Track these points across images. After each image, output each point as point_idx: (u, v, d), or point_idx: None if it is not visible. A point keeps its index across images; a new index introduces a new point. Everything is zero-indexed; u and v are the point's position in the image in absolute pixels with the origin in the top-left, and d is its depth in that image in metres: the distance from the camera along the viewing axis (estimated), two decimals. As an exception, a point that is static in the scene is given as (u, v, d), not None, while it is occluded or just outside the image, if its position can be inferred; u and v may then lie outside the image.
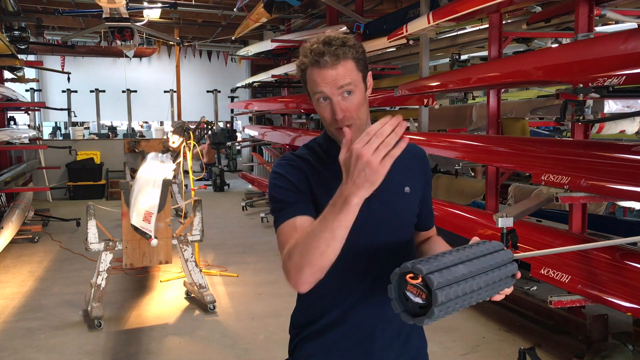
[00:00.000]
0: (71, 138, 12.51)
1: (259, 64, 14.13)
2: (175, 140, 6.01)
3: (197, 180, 7.33)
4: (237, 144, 13.93)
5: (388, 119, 1.09)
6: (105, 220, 4.86)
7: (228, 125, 16.91)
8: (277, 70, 9.80)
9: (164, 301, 4.88)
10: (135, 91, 14.82)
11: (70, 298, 4.90)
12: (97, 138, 13.47)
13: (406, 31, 5.06)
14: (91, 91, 14.64)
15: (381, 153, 1.07)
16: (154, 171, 4.88)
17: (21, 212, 7.01)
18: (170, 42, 13.46)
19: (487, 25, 5.04)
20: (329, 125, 1.41)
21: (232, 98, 14.87)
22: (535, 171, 3.41)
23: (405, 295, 1.15)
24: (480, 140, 4.53)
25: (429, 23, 4.57)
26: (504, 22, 4.82)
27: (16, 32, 7.95)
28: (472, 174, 7.18)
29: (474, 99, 6.92)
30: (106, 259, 4.34)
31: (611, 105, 4.20)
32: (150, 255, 4.57)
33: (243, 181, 12.03)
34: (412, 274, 1.12)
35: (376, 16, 8.07)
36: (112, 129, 16.35)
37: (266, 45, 9.76)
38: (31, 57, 10.78)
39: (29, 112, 12.44)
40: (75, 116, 14.33)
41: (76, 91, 14.19)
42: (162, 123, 16.92)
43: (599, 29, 5.33)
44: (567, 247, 3.32)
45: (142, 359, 3.76)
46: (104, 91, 14.69)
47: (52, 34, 13.74)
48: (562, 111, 3.36)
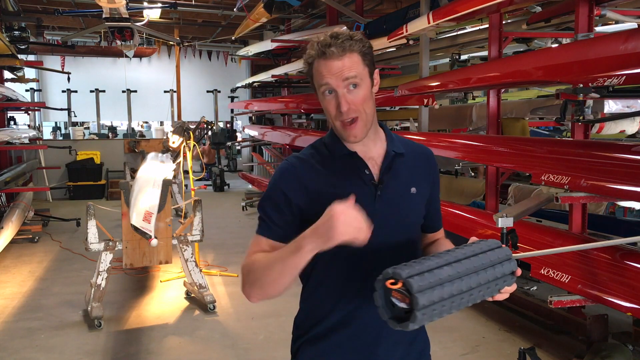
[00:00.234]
0: (71, 138, 12.52)
1: (259, 64, 14.14)
2: (175, 140, 6.01)
3: (197, 180, 7.33)
4: (237, 144, 13.94)
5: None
6: (105, 220, 4.86)
7: (228, 125, 16.91)
8: (277, 70, 9.80)
9: (164, 301, 4.88)
10: (135, 91, 14.82)
11: (70, 298, 4.90)
12: (97, 138, 13.48)
13: (406, 31, 5.06)
14: (91, 91, 14.64)
15: (350, 227, 1.17)
16: (154, 171, 4.88)
17: (21, 212, 7.02)
18: (170, 42, 13.46)
19: (487, 25, 5.04)
20: (334, 119, 1.39)
21: (232, 98, 14.87)
22: (535, 171, 3.41)
23: (391, 302, 1.14)
24: (480, 140, 4.53)
25: (429, 23, 4.57)
26: (504, 22, 4.82)
27: (16, 32, 7.95)
28: (473, 174, 7.18)
29: (474, 99, 6.92)
30: (106, 259, 4.34)
31: (611, 105, 4.20)
32: (150, 255, 4.57)
33: (243, 181, 12.03)
34: (393, 280, 1.13)
35: (376, 16, 8.07)
36: (112, 129, 16.35)
37: (266, 45, 9.76)
38: (31, 57, 10.78)
39: (29, 112, 12.44)
40: (75, 116, 14.34)
41: (76, 91, 14.19)
42: (162, 123, 16.93)
43: (599, 29, 5.33)
44: (567, 247, 3.32)
45: (142, 359, 3.76)
46: (104, 91, 14.69)
47: (52, 34, 13.74)
48: (562, 111, 3.36)
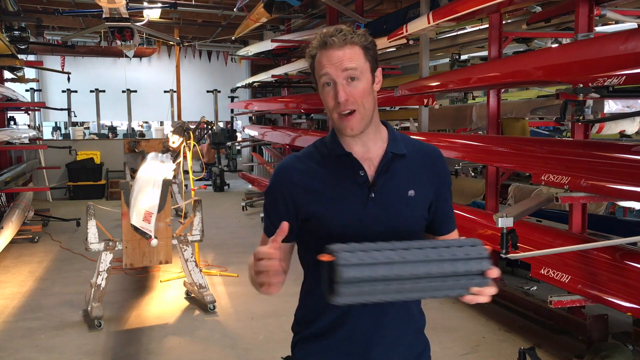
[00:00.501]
0: (71, 138, 12.52)
1: (259, 64, 14.14)
2: (175, 140, 6.01)
3: (197, 180, 7.33)
4: (237, 144, 13.93)
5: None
6: (105, 220, 4.86)
7: (228, 125, 16.91)
8: (277, 70, 9.80)
9: (164, 301, 4.88)
10: (135, 91, 14.81)
11: (70, 298, 4.90)
12: (97, 138, 13.47)
13: (406, 31, 5.06)
14: (91, 91, 14.62)
15: (260, 277, 1.23)
16: (154, 171, 4.88)
17: (21, 212, 7.02)
18: (170, 42, 13.45)
19: (487, 25, 5.04)
20: (332, 111, 1.38)
21: (232, 98, 14.87)
22: (535, 171, 3.41)
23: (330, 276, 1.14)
24: (480, 140, 4.53)
25: (429, 23, 4.57)
26: (504, 22, 4.82)
27: (16, 32, 7.94)
28: (473, 174, 7.18)
29: (474, 99, 6.92)
30: (106, 259, 4.34)
31: (611, 105, 4.20)
32: (150, 255, 4.57)
33: (243, 181, 12.03)
34: (329, 254, 1.13)
35: (376, 16, 8.07)
36: (112, 129, 16.34)
37: (266, 45, 9.76)
38: (31, 57, 10.78)
39: (29, 112, 12.44)
40: (75, 116, 14.32)
41: (76, 91, 14.18)
42: (162, 123, 16.91)
43: (599, 29, 5.33)
44: (567, 247, 3.33)
45: (142, 359, 3.76)
46: (104, 91, 14.68)
47: (52, 34, 13.74)
48: (562, 111, 3.36)
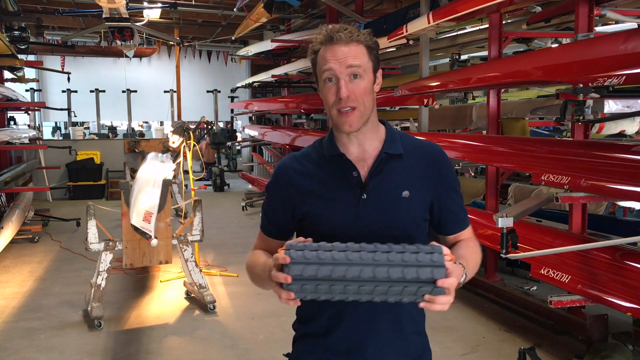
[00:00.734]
0: (71, 138, 12.52)
1: (259, 64, 14.14)
2: (175, 140, 6.01)
3: (197, 180, 7.33)
4: (237, 144, 13.94)
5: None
6: (105, 220, 4.86)
7: (228, 125, 16.91)
8: (277, 70, 9.81)
9: (164, 301, 4.88)
10: (135, 91, 14.81)
11: (70, 298, 4.90)
12: (97, 138, 13.47)
13: (406, 31, 5.06)
14: (91, 91, 14.62)
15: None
16: (154, 171, 4.87)
17: (21, 212, 7.01)
18: (170, 42, 13.46)
19: (487, 25, 5.05)
20: (331, 107, 1.37)
21: (232, 98, 14.87)
22: (535, 171, 3.41)
23: None
24: (480, 140, 4.53)
25: (429, 23, 4.57)
26: (504, 22, 4.82)
27: (16, 32, 7.93)
28: (473, 174, 7.18)
29: (474, 99, 6.93)
30: (106, 259, 4.34)
31: (611, 105, 4.20)
32: (150, 255, 4.57)
33: (243, 181, 12.03)
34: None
35: (376, 16, 8.07)
36: (112, 129, 16.35)
37: (266, 45, 9.77)
38: (31, 57, 10.78)
39: (29, 112, 12.44)
40: (75, 116, 14.32)
41: (76, 91, 14.18)
42: (162, 123, 16.91)
43: (599, 29, 5.33)
44: (567, 247, 3.33)
45: (142, 359, 3.76)
46: (104, 91, 14.68)
47: (52, 34, 13.74)
48: (562, 111, 3.37)
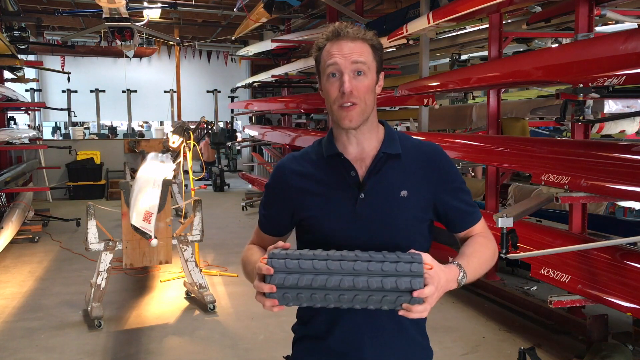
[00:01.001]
0: (71, 138, 12.52)
1: (259, 64, 14.15)
2: (175, 140, 6.01)
3: (197, 180, 7.33)
4: (237, 144, 13.94)
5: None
6: (105, 220, 4.86)
7: (228, 125, 16.92)
8: (277, 70, 9.81)
9: (164, 301, 4.88)
10: (135, 91, 14.82)
11: (70, 298, 4.90)
12: (97, 138, 13.48)
13: (406, 31, 5.06)
14: (91, 91, 14.64)
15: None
16: (154, 171, 4.88)
17: (21, 212, 7.01)
18: (170, 42, 13.46)
19: (487, 25, 5.05)
20: (333, 102, 1.37)
21: (232, 98, 14.88)
22: (535, 171, 3.41)
23: None
24: (480, 140, 4.53)
25: (429, 23, 4.57)
26: (504, 22, 4.82)
27: (16, 32, 7.93)
28: (473, 174, 7.18)
29: (474, 99, 6.93)
30: (106, 259, 4.34)
31: (611, 105, 4.20)
32: (150, 255, 4.57)
33: (243, 181, 12.03)
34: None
35: (376, 16, 8.08)
36: (112, 129, 16.36)
37: (266, 45, 9.77)
38: (31, 57, 10.77)
39: (29, 112, 12.45)
40: (75, 116, 14.34)
41: (76, 91, 14.19)
42: (162, 123, 16.93)
43: (599, 29, 5.33)
44: (567, 247, 3.33)
45: (142, 359, 3.76)
46: (104, 91, 14.69)
47: (52, 34, 13.75)
48: (562, 111, 3.37)
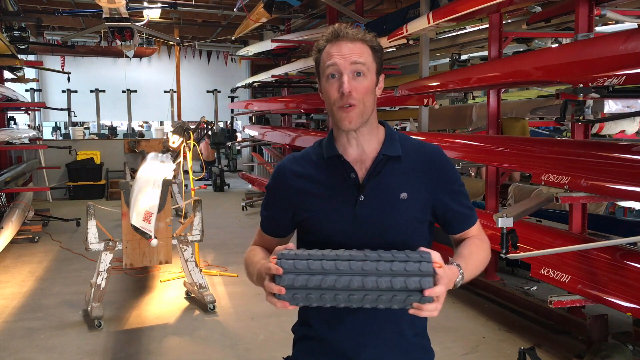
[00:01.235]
0: (71, 138, 12.52)
1: (259, 64, 14.14)
2: (175, 140, 6.01)
3: (197, 180, 7.33)
4: (237, 144, 13.94)
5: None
6: (105, 220, 4.86)
7: (228, 125, 16.92)
8: (277, 70, 9.81)
9: (164, 301, 4.88)
10: (135, 91, 14.82)
11: (70, 298, 4.90)
12: (97, 138, 13.47)
13: (406, 31, 5.06)
14: (91, 91, 14.64)
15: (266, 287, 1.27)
16: (154, 171, 4.87)
17: (21, 212, 7.01)
18: (170, 42, 13.46)
19: (487, 25, 5.05)
20: (333, 104, 1.37)
21: (232, 98, 14.88)
22: (535, 171, 3.41)
23: None
24: (480, 140, 4.53)
25: (429, 23, 4.58)
26: (504, 22, 4.82)
27: (16, 32, 7.94)
28: (473, 174, 7.18)
29: (474, 99, 6.93)
30: (106, 259, 4.34)
31: (611, 105, 4.21)
32: (150, 255, 4.57)
33: (243, 181, 12.02)
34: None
35: (376, 16, 8.08)
36: (112, 129, 16.35)
37: (266, 45, 9.78)
38: (31, 57, 10.77)
39: (29, 112, 12.45)
40: (75, 116, 14.34)
41: (76, 91, 14.19)
42: (162, 123, 16.93)
43: (599, 29, 5.33)
44: (567, 247, 3.33)
45: (142, 359, 3.76)
46: (104, 91, 14.69)
47: (52, 34, 13.75)
48: (562, 111, 3.36)
